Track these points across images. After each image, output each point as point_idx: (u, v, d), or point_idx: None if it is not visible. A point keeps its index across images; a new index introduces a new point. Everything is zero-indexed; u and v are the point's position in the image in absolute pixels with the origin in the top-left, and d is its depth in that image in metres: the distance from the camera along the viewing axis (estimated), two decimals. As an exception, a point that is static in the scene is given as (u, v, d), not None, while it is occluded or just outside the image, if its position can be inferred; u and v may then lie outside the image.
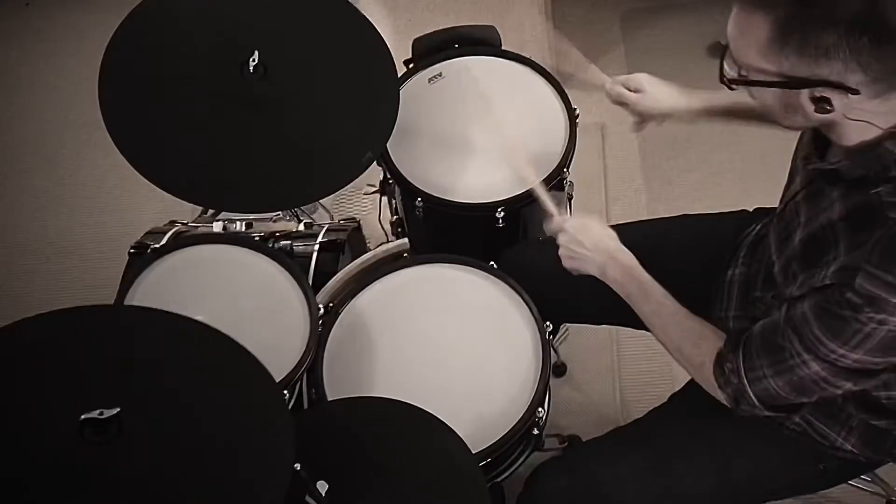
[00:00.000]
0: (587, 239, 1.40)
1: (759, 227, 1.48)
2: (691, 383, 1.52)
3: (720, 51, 1.10)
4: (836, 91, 1.03)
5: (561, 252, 1.43)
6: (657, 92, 1.56)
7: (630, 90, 1.56)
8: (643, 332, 1.71)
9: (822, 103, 1.05)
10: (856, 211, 1.09)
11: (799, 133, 1.28)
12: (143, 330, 1.22)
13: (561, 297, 1.59)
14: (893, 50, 1.00)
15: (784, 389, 1.18)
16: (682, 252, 1.56)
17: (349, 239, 1.92)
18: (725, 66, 1.11)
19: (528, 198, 1.64)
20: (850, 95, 1.02)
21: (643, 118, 1.59)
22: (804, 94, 1.05)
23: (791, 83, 1.05)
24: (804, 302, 1.12)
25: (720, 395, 1.26)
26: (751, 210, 1.56)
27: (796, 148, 1.31)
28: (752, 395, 1.21)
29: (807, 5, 1.00)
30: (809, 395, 1.19)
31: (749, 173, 2.47)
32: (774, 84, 1.06)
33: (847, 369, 1.11)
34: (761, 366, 1.19)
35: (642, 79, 1.57)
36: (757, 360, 1.19)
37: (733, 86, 1.11)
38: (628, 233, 1.60)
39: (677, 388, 1.51)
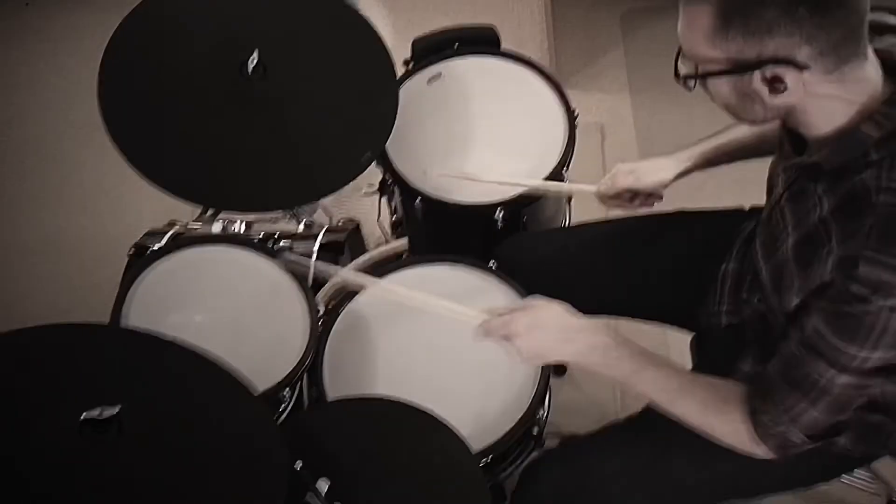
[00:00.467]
0: (546, 335, 1.27)
1: (753, 224, 1.48)
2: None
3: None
4: (786, 68, 1.03)
5: (526, 357, 1.27)
6: (648, 167, 1.58)
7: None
8: (643, 330, 1.71)
9: (775, 83, 1.05)
10: (843, 202, 1.08)
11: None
12: (141, 340, 1.23)
13: (557, 288, 1.59)
14: (833, 17, 1.00)
15: (826, 414, 1.15)
16: (678, 247, 1.57)
17: (349, 239, 1.92)
18: (680, 65, 1.12)
19: (528, 198, 1.64)
20: (802, 72, 1.02)
21: (650, 194, 1.60)
22: (756, 77, 1.05)
23: (741, 66, 1.05)
24: (810, 317, 1.11)
25: (760, 451, 1.21)
26: (747, 208, 1.57)
27: (773, 162, 1.31)
28: (798, 434, 1.18)
29: None
30: (847, 410, 1.17)
31: (748, 173, 2.44)
32: (725, 72, 1.07)
33: (875, 370, 1.10)
34: (797, 401, 1.15)
35: (623, 166, 1.59)
36: (790, 398, 1.16)
37: (689, 83, 1.12)
38: (624, 227, 1.61)
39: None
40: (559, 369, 2.17)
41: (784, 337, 1.18)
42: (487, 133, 1.74)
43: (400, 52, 1.77)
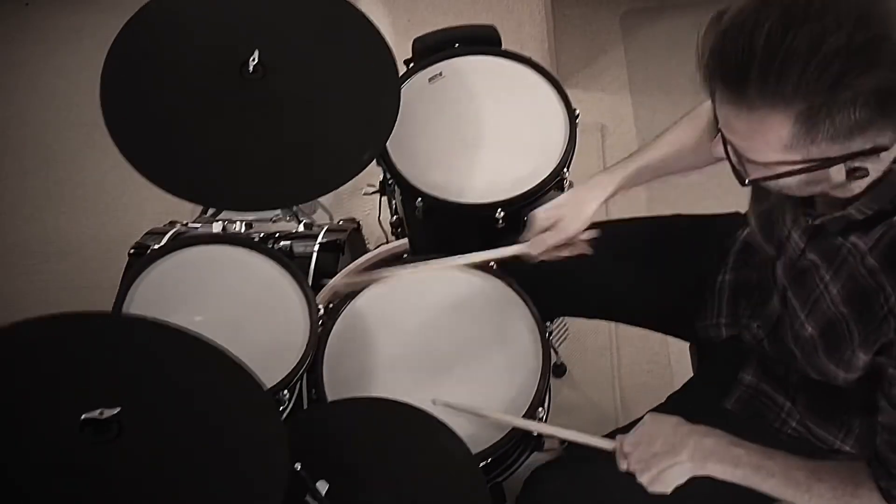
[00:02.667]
0: (659, 447, 1.25)
1: (747, 231, 1.47)
2: (690, 384, 1.52)
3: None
4: (870, 158, 0.97)
5: (643, 481, 1.26)
6: (572, 209, 1.48)
7: (547, 229, 1.48)
8: (643, 332, 1.71)
9: (856, 172, 0.99)
10: (885, 248, 1.05)
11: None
12: (143, 332, 1.23)
13: (558, 290, 1.59)
14: None
15: None
16: (674, 253, 1.56)
17: (349, 239, 1.92)
18: (743, 168, 1.03)
19: (529, 198, 1.64)
20: (881, 155, 0.97)
21: (577, 240, 1.50)
22: (839, 169, 0.99)
23: (823, 165, 0.98)
24: (894, 381, 1.08)
25: None
26: (743, 212, 1.56)
27: (757, 210, 1.28)
28: None
29: (836, 92, 0.91)
30: None
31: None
32: (802, 171, 0.99)
33: None
34: None
35: (542, 213, 1.49)
36: None
37: (761, 184, 1.04)
38: (620, 230, 1.60)
39: (676, 389, 1.51)
40: (559, 369, 2.17)
41: (823, 388, 1.16)
42: (488, 133, 1.74)
43: (400, 52, 1.77)
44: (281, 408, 1.46)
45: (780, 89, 0.92)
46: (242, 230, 1.83)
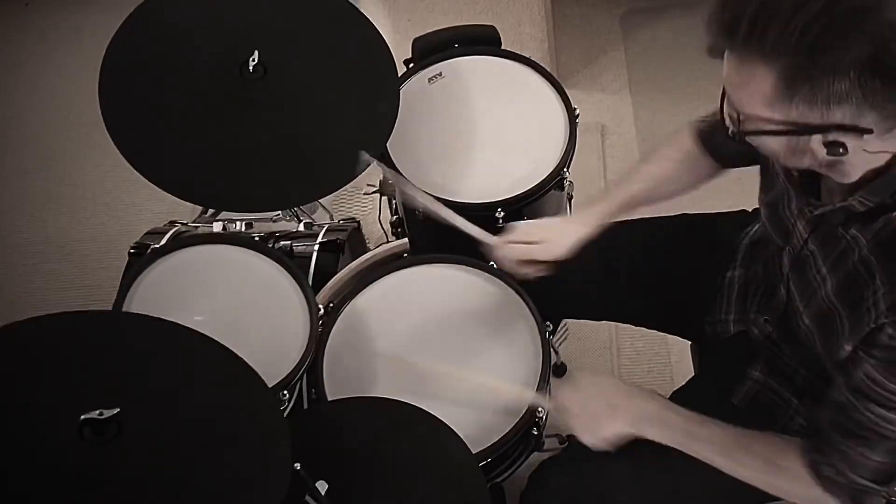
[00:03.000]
0: (600, 404, 1.29)
1: (756, 227, 1.48)
2: (690, 382, 1.52)
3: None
4: (849, 134, 0.98)
5: (580, 435, 1.30)
6: (553, 236, 1.46)
7: (525, 242, 1.46)
8: (643, 331, 1.71)
9: (834, 147, 1.00)
10: (883, 241, 1.06)
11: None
12: (142, 331, 1.23)
13: (560, 292, 1.59)
14: None
15: (888, 456, 1.13)
16: (681, 252, 1.56)
17: (349, 239, 1.92)
18: (727, 115, 1.06)
19: (529, 198, 1.64)
20: (864, 136, 0.98)
21: (538, 268, 1.48)
22: (815, 139, 1.01)
23: (802, 130, 1.00)
24: (860, 363, 1.08)
25: (832, 502, 1.18)
26: (749, 210, 1.56)
27: (766, 199, 1.29)
28: (864, 482, 1.15)
29: (814, 55, 0.93)
30: None
31: (749, 174, 2.46)
32: (784, 133, 1.01)
33: None
34: (855, 451, 1.13)
35: (525, 227, 1.49)
36: (848, 448, 1.13)
37: (746, 138, 1.05)
38: (625, 230, 1.60)
39: (677, 388, 1.51)
40: (559, 369, 2.17)
41: (830, 384, 1.15)
42: (488, 133, 1.74)
43: (400, 52, 1.77)
44: (281, 408, 1.46)
45: (763, 44, 0.95)
46: (242, 230, 1.83)
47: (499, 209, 1.63)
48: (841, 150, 1.00)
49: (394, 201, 1.90)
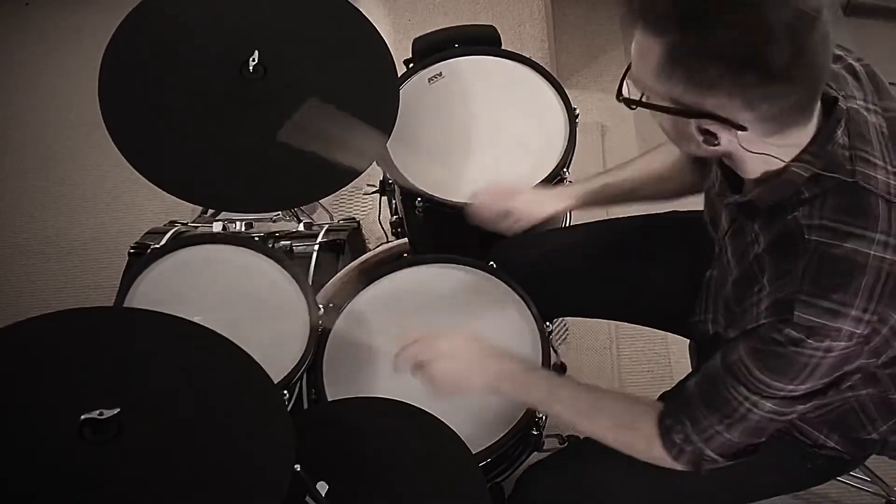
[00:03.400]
0: (459, 363, 1.30)
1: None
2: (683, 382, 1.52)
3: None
4: (722, 126, 1.01)
5: (433, 384, 1.31)
6: (530, 199, 1.53)
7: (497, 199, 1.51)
8: (643, 331, 1.71)
9: (708, 136, 1.03)
10: (776, 240, 1.08)
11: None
12: (142, 330, 1.23)
13: (558, 290, 1.59)
14: (780, 89, 0.97)
15: (739, 437, 1.15)
16: (670, 250, 1.56)
17: (349, 239, 1.92)
18: (625, 85, 1.09)
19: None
20: (738, 131, 1.01)
21: (522, 223, 1.53)
22: (692, 124, 1.03)
23: (680, 111, 1.02)
24: (738, 348, 1.10)
25: (677, 466, 1.22)
26: None
27: (708, 190, 1.30)
28: (711, 454, 1.18)
29: (689, 36, 0.97)
30: (765, 433, 1.17)
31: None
32: (665, 109, 1.04)
33: (799, 397, 1.10)
34: (711, 424, 1.15)
35: (504, 187, 1.53)
36: (705, 419, 1.16)
37: (632, 106, 1.09)
38: (615, 227, 1.61)
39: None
40: (559, 370, 2.17)
41: (710, 356, 1.17)
42: (488, 133, 1.74)
43: (400, 52, 1.77)
44: (281, 408, 1.46)
45: (651, 18, 0.99)
46: (242, 230, 1.83)
47: (499, 209, 1.63)
48: (714, 140, 1.03)
49: (394, 201, 1.90)
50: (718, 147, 1.04)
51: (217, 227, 1.81)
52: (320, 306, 1.55)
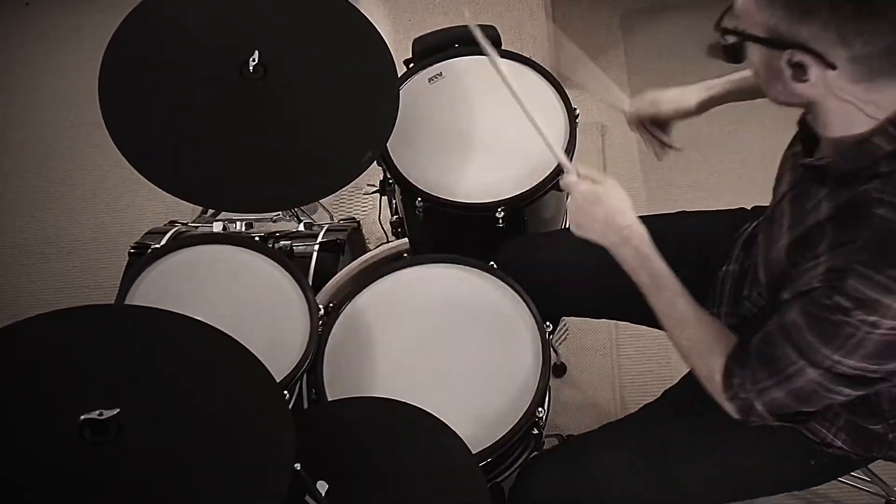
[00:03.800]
0: (599, 212, 1.31)
1: (753, 224, 1.48)
2: (685, 380, 1.52)
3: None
4: (813, 59, 1.01)
5: (571, 219, 1.35)
6: (671, 97, 1.55)
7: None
8: (643, 331, 1.71)
9: (798, 69, 1.03)
10: (842, 209, 1.08)
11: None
12: (143, 330, 1.23)
13: (561, 290, 1.59)
14: (878, 26, 0.97)
15: (788, 399, 1.17)
16: (679, 248, 1.56)
17: (349, 239, 1.92)
18: (726, 18, 1.10)
19: (529, 197, 1.64)
20: (828, 70, 1.01)
21: (666, 127, 1.57)
22: (784, 56, 1.03)
23: (773, 41, 1.03)
24: (793, 308, 1.11)
25: (727, 407, 1.24)
26: (749, 208, 1.56)
27: (785, 151, 1.31)
28: (761, 407, 1.19)
29: None
30: (812, 403, 1.18)
31: (748, 173, 2.47)
32: (760, 39, 1.04)
33: (844, 376, 1.10)
34: (764, 378, 1.17)
35: (649, 94, 1.56)
36: (760, 373, 1.18)
37: (727, 35, 1.10)
38: None
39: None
40: (559, 369, 2.17)
41: (770, 316, 1.18)
42: (488, 132, 1.74)
43: (400, 52, 1.77)
44: (281, 408, 1.46)
45: None
46: (242, 230, 1.83)
47: (499, 209, 1.63)
48: (804, 75, 1.03)
49: (394, 201, 1.90)
50: (806, 86, 1.04)
51: (217, 227, 1.81)
52: (320, 306, 1.55)
